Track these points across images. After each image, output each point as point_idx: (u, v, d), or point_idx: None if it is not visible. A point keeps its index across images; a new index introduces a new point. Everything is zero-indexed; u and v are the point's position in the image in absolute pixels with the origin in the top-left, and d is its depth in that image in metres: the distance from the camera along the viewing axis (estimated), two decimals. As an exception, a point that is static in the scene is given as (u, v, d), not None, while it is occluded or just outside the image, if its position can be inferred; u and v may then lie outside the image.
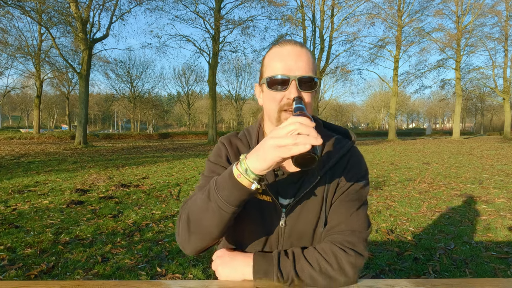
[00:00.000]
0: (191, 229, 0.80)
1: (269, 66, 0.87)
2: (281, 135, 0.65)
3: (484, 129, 64.80)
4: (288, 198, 0.89)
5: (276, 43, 0.89)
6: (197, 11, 21.88)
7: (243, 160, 0.72)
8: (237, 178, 0.72)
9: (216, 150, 0.98)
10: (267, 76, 0.85)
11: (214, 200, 0.75)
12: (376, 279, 0.87)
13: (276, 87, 0.84)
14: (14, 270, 2.49)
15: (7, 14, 16.26)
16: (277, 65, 0.84)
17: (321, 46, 23.97)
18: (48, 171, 7.77)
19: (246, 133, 1.01)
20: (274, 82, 0.83)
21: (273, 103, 0.85)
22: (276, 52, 0.86)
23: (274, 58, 0.86)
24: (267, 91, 0.86)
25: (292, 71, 0.82)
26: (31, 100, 45.34)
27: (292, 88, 0.82)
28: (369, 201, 4.80)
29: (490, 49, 30.53)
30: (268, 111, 0.89)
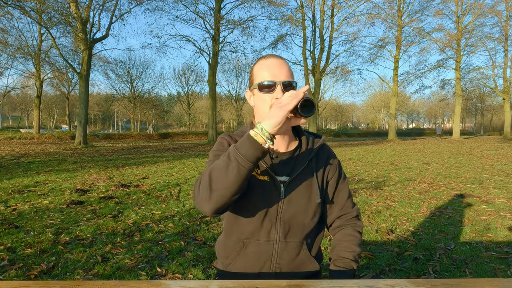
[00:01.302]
0: (212, 187, 0.90)
1: (258, 74, 1.08)
2: (282, 99, 0.90)
3: (484, 129, 64.81)
4: (284, 175, 1.10)
5: (261, 57, 1.11)
6: (197, 11, 21.88)
7: (258, 124, 0.89)
8: (254, 137, 0.87)
9: (218, 142, 1.14)
10: (258, 82, 1.06)
11: (235, 158, 0.89)
12: (376, 279, 0.88)
13: (265, 90, 1.05)
14: (14, 270, 2.49)
15: (7, 14, 16.26)
16: (265, 73, 1.06)
17: (321, 46, 23.98)
18: (48, 171, 7.77)
19: (241, 132, 1.18)
20: (264, 87, 1.05)
21: (265, 103, 1.06)
22: (263, 63, 1.08)
23: (262, 68, 1.08)
24: (259, 94, 1.07)
25: (277, 77, 1.05)
26: (31, 100, 45.34)
27: (278, 90, 1.04)
28: (369, 201, 4.81)
29: (490, 49, 30.51)
30: (259, 110, 1.09)
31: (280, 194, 1.08)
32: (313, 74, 24.27)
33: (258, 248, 1.08)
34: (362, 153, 13.86)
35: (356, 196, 5.12)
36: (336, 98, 66.69)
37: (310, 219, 1.11)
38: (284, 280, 0.81)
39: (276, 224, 1.08)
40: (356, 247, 1.16)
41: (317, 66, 23.85)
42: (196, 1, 21.48)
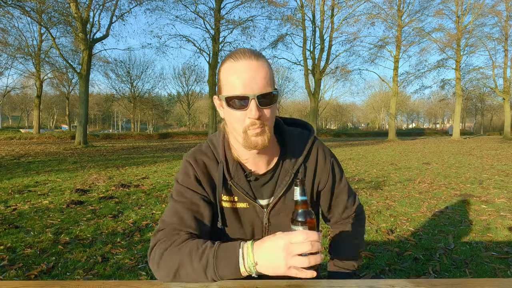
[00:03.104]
0: (176, 277, 0.81)
1: (225, 82, 0.84)
2: (294, 240, 0.72)
3: (484, 129, 64.83)
4: (265, 198, 0.96)
5: (230, 55, 0.85)
6: (197, 11, 21.92)
7: (249, 255, 0.75)
8: (239, 266, 0.76)
9: (183, 168, 0.96)
10: (225, 95, 0.83)
11: (210, 276, 0.78)
12: (376, 279, 0.88)
13: (236, 106, 0.82)
14: (14, 270, 2.49)
15: (7, 14, 16.27)
16: (234, 82, 0.81)
17: (321, 46, 23.99)
18: (48, 171, 7.77)
19: (211, 145, 0.98)
20: (233, 101, 0.82)
21: (236, 123, 0.84)
22: (231, 67, 0.82)
23: (230, 74, 0.82)
24: (227, 109, 0.84)
25: (250, 89, 0.80)
26: (31, 100, 45.34)
27: (252, 107, 0.80)
28: (369, 201, 4.81)
29: (490, 49, 30.50)
30: (231, 128, 0.88)
31: (264, 221, 0.96)
32: (313, 74, 24.28)
33: None
34: (362, 153, 13.86)
35: (356, 196, 5.12)
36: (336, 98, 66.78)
37: None
38: (284, 280, 0.81)
39: None
40: (357, 243, 1.11)
41: (317, 66, 23.86)
42: (196, 1, 21.51)
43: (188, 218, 0.88)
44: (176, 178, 0.97)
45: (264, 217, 0.96)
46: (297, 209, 0.78)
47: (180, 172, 0.97)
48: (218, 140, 0.97)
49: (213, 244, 0.81)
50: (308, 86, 24.00)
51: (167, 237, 0.86)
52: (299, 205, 0.78)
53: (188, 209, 0.89)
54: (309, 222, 0.76)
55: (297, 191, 0.78)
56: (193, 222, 0.88)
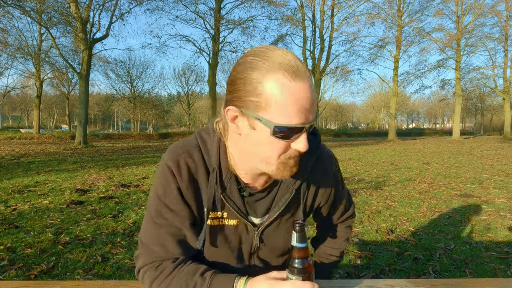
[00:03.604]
0: None
1: (277, 104, 0.64)
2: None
3: (484, 129, 64.83)
4: (258, 216, 0.84)
5: (285, 68, 0.63)
6: (197, 11, 21.94)
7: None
8: None
9: (162, 177, 0.79)
10: (278, 124, 0.64)
11: None
12: (376, 279, 0.88)
13: (284, 136, 0.66)
14: (14, 270, 2.49)
15: (7, 14, 16.28)
16: (291, 108, 0.64)
17: (321, 46, 24.00)
18: (48, 171, 7.77)
19: (202, 147, 0.80)
20: (285, 132, 0.66)
21: (272, 151, 0.69)
22: (288, 86, 0.63)
23: (286, 96, 0.63)
24: (268, 137, 0.67)
25: (306, 119, 0.66)
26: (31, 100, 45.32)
27: (303, 140, 0.67)
28: (369, 201, 4.81)
29: (490, 49, 30.50)
30: (257, 154, 0.71)
31: (254, 242, 0.85)
32: (313, 74, 24.29)
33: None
34: (362, 153, 13.86)
35: (356, 196, 5.12)
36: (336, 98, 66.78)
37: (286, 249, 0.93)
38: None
39: (250, 262, 0.89)
40: (343, 244, 1.07)
41: (317, 66, 23.86)
42: (196, 1, 21.52)
43: (172, 245, 0.79)
44: (154, 189, 0.81)
45: (254, 238, 0.84)
46: (293, 256, 0.72)
47: (158, 181, 0.80)
48: (212, 142, 0.79)
49: (202, 281, 0.75)
50: (308, 86, 23.95)
51: (151, 268, 0.79)
52: (297, 252, 0.71)
53: (171, 234, 0.79)
54: (305, 270, 0.72)
55: (294, 237, 0.71)
56: (177, 249, 0.80)
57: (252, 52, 0.68)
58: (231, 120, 0.71)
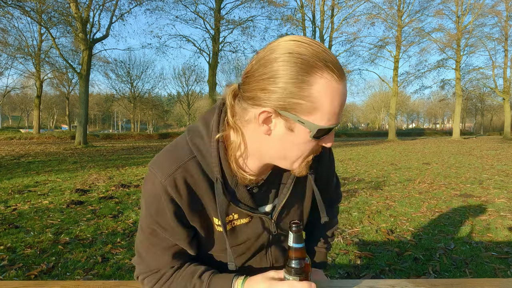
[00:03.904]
0: None
1: (320, 105, 0.60)
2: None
3: (484, 129, 64.85)
4: (270, 202, 0.81)
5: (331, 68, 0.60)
6: (197, 11, 21.95)
7: None
8: None
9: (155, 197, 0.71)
10: (323, 126, 0.62)
11: None
12: (376, 279, 0.88)
13: (319, 136, 0.64)
14: (14, 270, 2.49)
15: (7, 14, 16.27)
16: (334, 108, 0.62)
17: (321, 46, 23.97)
18: (48, 171, 7.77)
19: (198, 156, 0.72)
20: (323, 133, 0.64)
21: (303, 151, 0.67)
22: (335, 88, 0.61)
23: (331, 96, 0.60)
24: (303, 138, 0.64)
25: (339, 119, 0.65)
26: (31, 100, 45.34)
27: (332, 136, 0.67)
28: (369, 201, 4.81)
29: (490, 49, 30.61)
30: (285, 154, 0.68)
31: (272, 230, 0.82)
32: (313, 74, 24.26)
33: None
34: (362, 153, 13.86)
35: (356, 196, 5.12)
36: (336, 98, 66.61)
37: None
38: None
39: (267, 256, 0.88)
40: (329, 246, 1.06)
41: (317, 66, 23.83)
42: (196, 1, 21.53)
43: (168, 258, 0.77)
44: (145, 204, 0.74)
45: (271, 225, 0.81)
46: (290, 256, 0.72)
47: (148, 197, 0.73)
48: (209, 149, 0.71)
49: (201, 283, 0.74)
50: (308, 86, 23.97)
51: (152, 272, 0.79)
52: (294, 252, 0.71)
53: (166, 249, 0.76)
54: (303, 270, 0.72)
55: (291, 237, 0.71)
56: (174, 261, 0.78)
57: (289, 45, 0.60)
58: (262, 122, 0.63)
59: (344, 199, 4.92)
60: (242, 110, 0.66)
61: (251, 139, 0.69)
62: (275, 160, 0.71)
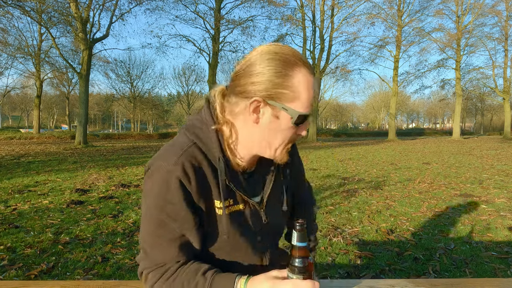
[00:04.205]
0: None
1: (300, 94, 0.72)
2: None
3: (484, 129, 64.83)
4: (258, 194, 0.88)
5: (304, 62, 0.73)
6: (197, 11, 21.95)
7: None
8: None
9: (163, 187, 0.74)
10: (301, 112, 0.73)
11: None
12: (376, 279, 0.88)
13: (298, 123, 0.75)
14: (14, 270, 2.49)
15: (7, 14, 16.27)
16: (310, 97, 0.74)
17: (321, 46, 24.00)
18: (48, 171, 7.77)
19: (198, 142, 0.79)
20: (302, 120, 0.74)
21: (281, 138, 0.77)
22: (309, 80, 0.73)
23: (307, 87, 0.73)
24: (286, 124, 0.74)
25: (312, 107, 0.76)
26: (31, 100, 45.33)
27: (306, 125, 0.78)
28: (369, 201, 4.81)
29: (490, 49, 30.61)
30: (269, 141, 0.77)
31: (262, 217, 0.88)
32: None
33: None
34: (362, 153, 13.86)
35: (356, 196, 5.12)
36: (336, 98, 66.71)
37: (284, 225, 1.00)
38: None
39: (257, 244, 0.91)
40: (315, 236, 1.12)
41: (317, 66, 23.86)
42: (196, 1, 21.53)
43: (174, 251, 0.78)
44: (151, 197, 0.76)
45: (262, 214, 0.88)
46: (294, 255, 0.72)
47: (156, 190, 0.75)
48: (208, 136, 0.79)
49: (204, 280, 0.74)
50: (308, 86, 23.96)
51: (156, 267, 0.79)
52: (297, 251, 0.72)
53: (173, 240, 0.77)
54: (306, 269, 0.72)
55: (295, 236, 0.72)
56: (180, 254, 0.79)
57: (272, 48, 0.73)
58: (253, 111, 0.74)
59: (344, 199, 4.92)
60: (233, 104, 0.77)
61: (241, 129, 0.79)
62: (261, 149, 0.80)
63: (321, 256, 2.80)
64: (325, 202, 4.72)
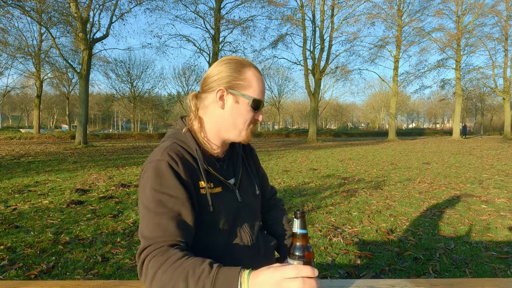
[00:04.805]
0: None
1: (252, 85, 0.97)
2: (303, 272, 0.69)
3: (484, 129, 64.81)
4: (231, 177, 1.06)
5: (250, 64, 0.99)
6: (197, 11, 21.93)
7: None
8: None
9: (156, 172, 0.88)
10: (255, 97, 0.97)
11: None
12: (376, 279, 0.89)
13: (254, 108, 0.97)
14: (14, 270, 2.49)
15: (7, 14, 16.27)
16: (259, 89, 0.98)
17: (321, 46, 23.98)
18: (48, 171, 7.77)
19: (176, 140, 0.97)
20: (258, 104, 0.97)
21: (243, 120, 0.98)
22: (258, 76, 0.98)
23: (257, 81, 0.97)
24: (244, 108, 0.97)
25: (264, 97, 1.01)
26: (31, 100, 45.37)
27: (261, 112, 1.00)
28: (369, 201, 4.81)
29: (490, 49, 30.63)
30: (235, 123, 0.98)
31: (238, 197, 1.04)
32: (313, 74, 24.28)
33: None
34: (362, 153, 13.86)
35: (356, 196, 5.12)
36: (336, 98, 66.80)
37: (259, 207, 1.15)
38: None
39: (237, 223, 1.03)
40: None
41: (317, 66, 23.85)
42: (196, 1, 21.51)
43: (173, 228, 0.85)
44: (147, 184, 0.88)
45: (237, 194, 1.04)
46: (295, 242, 0.74)
47: (152, 176, 0.88)
48: (182, 135, 0.99)
49: (210, 268, 0.76)
50: (308, 86, 24.01)
51: (157, 254, 0.81)
52: (298, 238, 0.74)
53: (172, 218, 0.85)
54: (306, 256, 0.74)
55: (296, 223, 0.74)
56: (179, 231, 0.85)
57: (227, 57, 1.00)
58: (219, 98, 0.96)
59: (344, 199, 4.92)
60: (204, 99, 1.00)
61: (211, 117, 1.00)
62: (229, 132, 1.00)
63: (321, 256, 2.80)
64: (325, 202, 4.72)
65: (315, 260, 2.72)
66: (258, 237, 1.09)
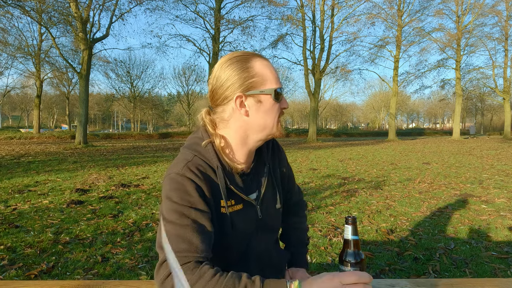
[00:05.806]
0: None
1: (265, 76, 0.87)
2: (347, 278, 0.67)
3: (484, 129, 64.80)
4: (254, 192, 0.98)
5: (254, 54, 0.90)
6: (197, 11, 21.94)
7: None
8: None
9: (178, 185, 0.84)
10: (274, 87, 0.87)
11: None
12: (376, 279, 0.89)
13: (278, 97, 0.88)
14: (14, 270, 2.49)
15: (7, 14, 16.27)
16: (274, 75, 0.89)
17: (321, 46, 23.98)
18: (48, 171, 7.77)
19: (198, 154, 0.89)
20: (280, 94, 0.88)
21: (271, 115, 0.89)
22: (265, 64, 0.89)
23: (268, 69, 0.89)
24: (269, 102, 0.88)
25: (281, 83, 0.91)
26: (31, 100, 45.35)
27: (284, 98, 0.91)
28: (369, 201, 4.81)
29: (490, 49, 30.58)
30: (264, 123, 0.89)
31: (258, 212, 0.97)
32: (313, 74, 24.28)
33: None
34: (362, 153, 13.86)
35: (356, 196, 5.12)
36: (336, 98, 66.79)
37: (279, 222, 1.07)
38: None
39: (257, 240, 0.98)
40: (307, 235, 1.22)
41: (317, 66, 23.85)
42: (196, 1, 21.52)
43: (197, 242, 0.80)
44: (169, 196, 0.84)
45: (258, 210, 0.97)
46: (347, 249, 0.73)
47: (173, 189, 0.84)
48: (206, 149, 0.90)
49: (252, 283, 0.73)
50: (308, 86, 24.01)
51: (186, 271, 0.76)
52: (350, 244, 0.73)
53: (195, 231, 0.81)
54: (360, 263, 0.73)
55: (348, 230, 0.74)
56: (203, 245, 0.81)
57: (226, 57, 0.90)
58: (240, 106, 0.87)
59: (344, 199, 4.92)
60: (221, 113, 0.90)
61: (236, 130, 0.90)
62: (259, 134, 0.91)
63: (321, 256, 2.80)
64: (325, 202, 4.72)
65: (315, 260, 2.72)
66: (271, 252, 1.04)
